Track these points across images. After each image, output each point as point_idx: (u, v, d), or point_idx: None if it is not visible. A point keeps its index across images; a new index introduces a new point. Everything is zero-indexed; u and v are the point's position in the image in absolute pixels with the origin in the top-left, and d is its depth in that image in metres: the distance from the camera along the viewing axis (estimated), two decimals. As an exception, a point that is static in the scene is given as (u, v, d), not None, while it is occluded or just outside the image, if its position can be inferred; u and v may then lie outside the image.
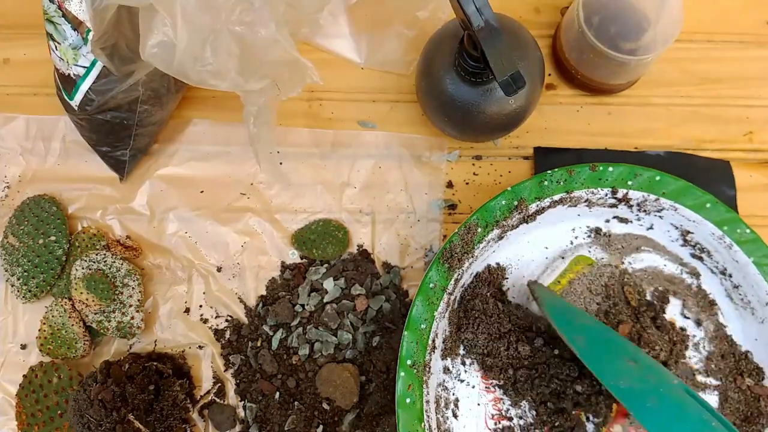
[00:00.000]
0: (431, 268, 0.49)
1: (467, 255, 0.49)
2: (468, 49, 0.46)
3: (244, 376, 0.55)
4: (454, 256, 0.49)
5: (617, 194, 0.51)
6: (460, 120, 0.53)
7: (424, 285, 0.48)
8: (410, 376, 0.47)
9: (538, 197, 0.50)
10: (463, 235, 0.49)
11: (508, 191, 0.50)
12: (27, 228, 0.57)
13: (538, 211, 0.51)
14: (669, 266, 0.54)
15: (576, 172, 0.51)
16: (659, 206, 0.52)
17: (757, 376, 0.51)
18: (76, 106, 0.53)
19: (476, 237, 0.50)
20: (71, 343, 0.55)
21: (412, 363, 0.47)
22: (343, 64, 0.61)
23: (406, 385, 0.47)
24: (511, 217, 0.50)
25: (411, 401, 0.47)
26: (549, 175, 0.50)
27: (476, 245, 0.49)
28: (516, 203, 0.50)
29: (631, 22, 0.54)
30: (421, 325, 0.48)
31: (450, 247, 0.49)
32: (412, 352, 0.47)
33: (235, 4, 0.42)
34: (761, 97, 0.60)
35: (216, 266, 0.58)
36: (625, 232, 0.55)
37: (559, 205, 0.52)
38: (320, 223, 0.58)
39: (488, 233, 0.50)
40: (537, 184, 0.50)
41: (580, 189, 0.51)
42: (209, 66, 0.43)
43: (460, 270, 0.49)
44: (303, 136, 0.59)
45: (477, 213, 0.50)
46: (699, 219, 0.51)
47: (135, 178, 0.59)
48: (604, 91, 0.59)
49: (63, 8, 0.48)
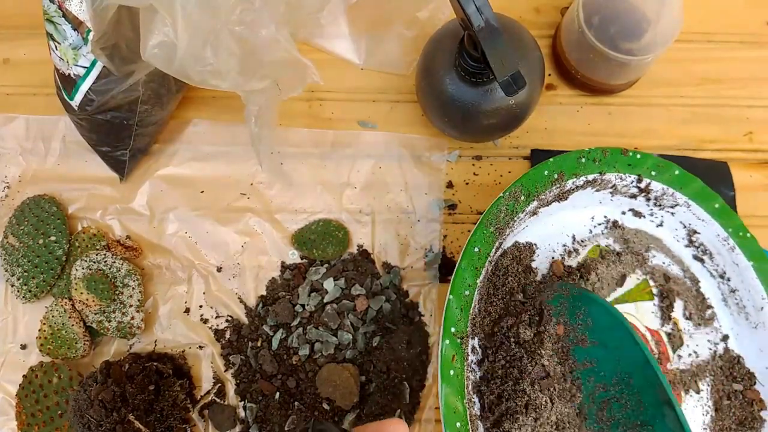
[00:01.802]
0: (476, 231, 0.45)
1: (509, 222, 0.46)
2: (468, 49, 0.46)
3: (244, 376, 0.55)
4: (501, 221, 0.46)
5: (641, 183, 0.52)
6: (460, 120, 0.53)
7: (468, 249, 0.45)
8: (454, 345, 0.43)
9: (575, 173, 0.50)
10: (508, 199, 0.47)
11: (551, 162, 0.49)
12: (27, 228, 0.57)
13: (571, 190, 0.51)
14: (673, 268, 0.55)
15: (610, 153, 0.51)
16: (675, 201, 0.52)
17: (749, 381, 0.52)
18: (76, 106, 0.53)
19: (519, 205, 0.47)
20: (71, 343, 0.54)
21: (456, 331, 0.43)
22: (343, 64, 0.61)
23: (450, 356, 0.42)
24: (548, 192, 0.49)
25: (454, 374, 0.42)
26: (586, 152, 0.50)
27: (517, 214, 0.47)
28: (556, 176, 0.49)
29: (631, 22, 0.54)
30: (465, 292, 0.44)
31: (496, 211, 0.46)
32: (455, 319, 0.43)
33: (236, 4, 0.42)
34: (761, 97, 0.60)
35: (216, 266, 0.58)
36: (637, 227, 0.55)
37: (590, 187, 0.52)
38: (320, 223, 0.58)
39: (529, 204, 0.48)
40: (575, 160, 0.50)
41: (612, 172, 0.51)
42: (210, 66, 0.43)
43: (502, 238, 0.46)
44: (303, 136, 0.59)
45: (521, 180, 0.48)
46: (708, 219, 0.52)
47: (135, 178, 0.59)
48: (604, 91, 0.59)
49: (63, 8, 0.48)
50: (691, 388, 0.52)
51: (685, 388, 0.52)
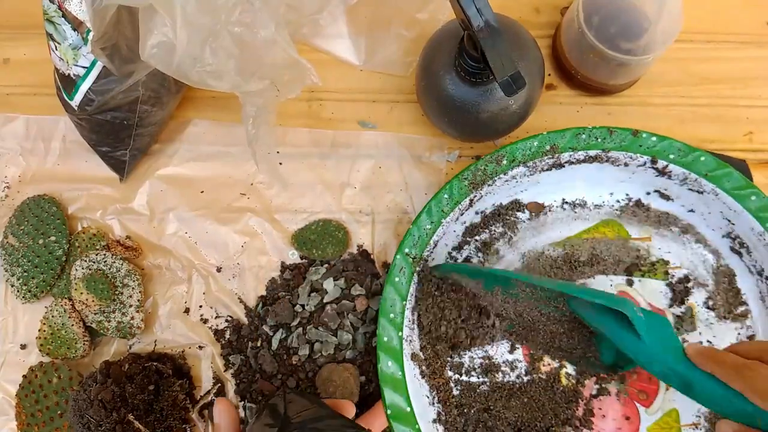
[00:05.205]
0: (449, 183, 0.52)
1: (488, 181, 0.52)
2: (468, 50, 0.46)
3: (244, 376, 0.55)
4: (477, 178, 0.52)
5: (656, 164, 0.51)
6: (460, 120, 0.53)
7: (439, 194, 0.52)
8: (405, 260, 0.52)
9: (573, 148, 0.52)
10: (488, 161, 0.52)
11: (543, 135, 0.52)
12: (27, 228, 0.57)
13: (571, 162, 0.52)
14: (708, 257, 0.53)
15: (617, 133, 0.51)
16: (700, 187, 0.51)
17: None
18: (76, 106, 0.53)
19: (500, 168, 0.52)
20: (71, 343, 0.55)
21: (409, 252, 0.52)
22: (343, 64, 0.61)
23: (399, 268, 0.52)
24: (541, 160, 0.52)
25: (399, 281, 0.51)
26: (589, 129, 0.51)
27: (498, 175, 0.52)
28: (548, 148, 0.52)
29: (631, 22, 0.54)
30: (426, 225, 0.52)
31: (475, 168, 0.52)
32: (411, 244, 0.52)
33: (235, 4, 0.42)
34: (761, 97, 0.60)
35: (216, 266, 0.58)
36: (666, 210, 0.54)
37: (596, 162, 0.52)
38: (320, 223, 0.58)
39: (512, 168, 0.52)
40: (574, 135, 0.52)
41: (618, 150, 0.51)
42: (209, 67, 0.43)
43: (477, 192, 0.52)
44: (303, 137, 0.59)
45: (508, 147, 0.52)
46: (739, 209, 0.50)
47: (135, 178, 0.59)
48: (604, 92, 0.59)
49: (63, 8, 0.48)
50: None
51: None
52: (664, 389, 0.52)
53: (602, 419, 0.52)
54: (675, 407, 0.52)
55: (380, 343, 0.50)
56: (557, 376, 0.53)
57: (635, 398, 0.52)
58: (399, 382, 0.50)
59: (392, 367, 0.50)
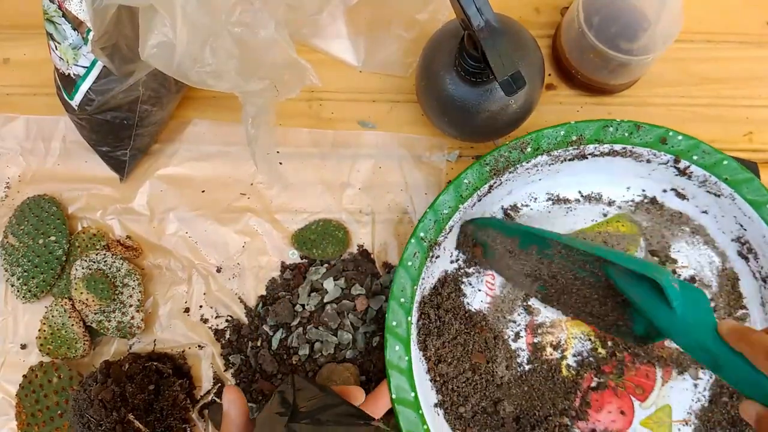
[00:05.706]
0: (470, 167, 0.51)
1: (509, 168, 0.51)
2: (468, 49, 0.46)
3: (244, 376, 0.55)
4: (499, 165, 0.51)
5: (679, 164, 0.51)
6: (460, 120, 0.53)
7: (458, 179, 0.51)
8: (419, 244, 0.50)
9: (599, 140, 0.51)
10: (512, 148, 0.51)
11: (570, 125, 0.51)
12: (27, 228, 0.57)
13: (595, 154, 0.52)
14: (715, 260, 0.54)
15: (645, 129, 0.51)
16: (718, 190, 0.51)
17: None
18: (76, 106, 0.53)
19: (524, 156, 0.51)
20: (71, 343, 0.55)
21: (424, 236, 0.51)
22: (343, 64, 0.61)
23: (413, 252, 0.50)
24: (566, 150, 0.51)
25: (412, 265, 0.50)
26: (616, 122, 0.51)
27: (521, 163, 0.51)
28: (574, 138, 0.51)
29: (631, 22, 0.54)
30: (444, 210, 0.51)
31: (497, 155, 0.51)
32: (427, 228, 0.51)
33: (235, 4, 0.42)
34: (761, 97, 0.60)
35: (216, 266, 0.58)
36: (679, 209, 0.54)
37: (619, 156, 0.52)
38: (320, 223, 0.58)
39: (536, 156, 0.51)
40: (601, 127, 0.51)
41: (643, 147, 0.51)
42: (209, 67, 0.43)
43: (498, 179, 0.51)
44: (303, 137, 0.59)
45: (533, 134, 0.51)
46: (755, 217, 0.50)
47: (135, 178, 0.59)
48: (604, 92, 0.59)
49: (63, 8, 0.48)
50: (688, 372, 0.52)
51: (680, 369, 0.52)
52: (660, 385, 0.53)
53: (598, 411, 0.52)
54: (668, 403, 0.53)
55: (388, 326, 0.49)
56: (558, 367, 0.53)
57: (632, 392, 0.53)
58: (405, 367, 0.49)
59: (399, 351, 0.49)
